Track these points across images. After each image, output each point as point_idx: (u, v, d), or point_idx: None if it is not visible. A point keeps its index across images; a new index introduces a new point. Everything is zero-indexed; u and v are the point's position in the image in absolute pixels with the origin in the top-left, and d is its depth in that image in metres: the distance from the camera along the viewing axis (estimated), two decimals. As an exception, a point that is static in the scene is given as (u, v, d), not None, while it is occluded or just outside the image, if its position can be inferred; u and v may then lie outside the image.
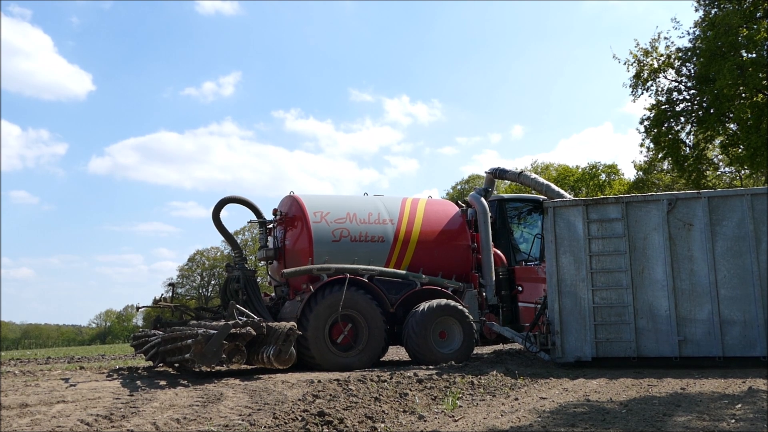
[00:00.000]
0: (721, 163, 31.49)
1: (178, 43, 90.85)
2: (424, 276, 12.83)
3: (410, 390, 8.24)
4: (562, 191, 13.57)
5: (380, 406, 7.07)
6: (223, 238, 13.52)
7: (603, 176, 37.46)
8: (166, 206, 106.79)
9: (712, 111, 23.40)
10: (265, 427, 6.14)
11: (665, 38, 26.75)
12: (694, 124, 24.94)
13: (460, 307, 12.62)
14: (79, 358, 20.30)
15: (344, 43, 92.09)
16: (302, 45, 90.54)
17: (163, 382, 9.84)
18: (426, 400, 7.62)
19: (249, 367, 11.61)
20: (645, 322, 10.86)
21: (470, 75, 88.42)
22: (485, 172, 14.88)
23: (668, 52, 25.02)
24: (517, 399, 7.71)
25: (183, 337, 10.02)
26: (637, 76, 25.33)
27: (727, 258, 10.59)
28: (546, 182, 13.92)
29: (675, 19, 31.62)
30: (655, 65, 25.16)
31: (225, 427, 6.28)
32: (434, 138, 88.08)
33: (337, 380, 9.44)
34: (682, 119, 25.26)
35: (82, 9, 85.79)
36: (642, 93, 25.63)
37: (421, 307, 12.31)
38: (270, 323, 10.21)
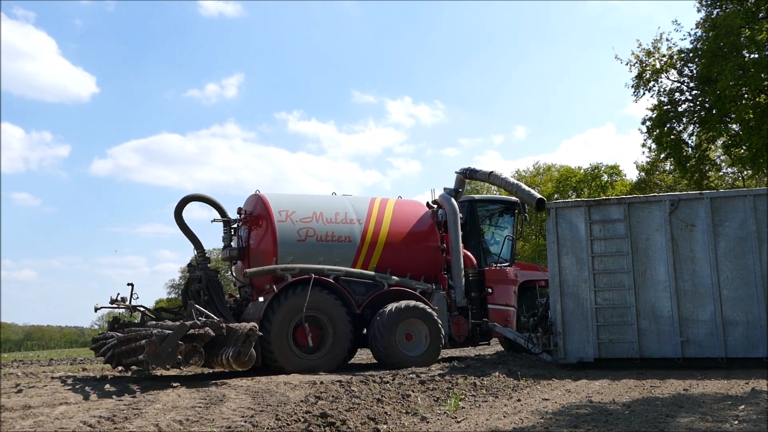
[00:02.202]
0: (723, 164, 31.47)
1: (181, 45, 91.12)
2: (391, 277, 12.61)
3: (413, 391, 8.24)
4: (533, 191, 13.22)
5: (383, 407, 7.07)
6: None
7: (605, 177, 37.42)
8: (168, 208, 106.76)
9: (714, 112, 23.36)
10: (267, 428, 6.14)
11: (667, 39, 26.66)
12: (697, 125, 24.91)
13: (428, 309, 12.39)
14: (81, 360, 20.32)
15: (346, 45, 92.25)
16: (305, 46, 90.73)
17: (164, 384, 9.85)
18: (428, 401, 7.62)
19: (207, 370, 11.36)
20: (647, 323, 10.85)
21: (472, 76, 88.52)
22: (455, 173, 14.60)
23: (670, 52, 25.01)
24: (519, 400, 7.70)
25: (138, 337, 9.69)
26: (639, 76, 25.31)
27: (729, 259, 10.57)
28: (516, 182, 13.63)
29: (677, 20, 31.55)
30: (657, 66, 25.14)
31: (227, 428, 6.28)
32: (436, 139, 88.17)
33: (340, 381, 9.44)
34: (684, 120, 25.24)
35: (86, 11, 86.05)
36: (644, 94, 25.63)
37: (387, 309, 12.06)
38: (230, 324, 9.96)
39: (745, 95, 22.43)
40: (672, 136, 25.01)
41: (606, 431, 5.76)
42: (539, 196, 12.98)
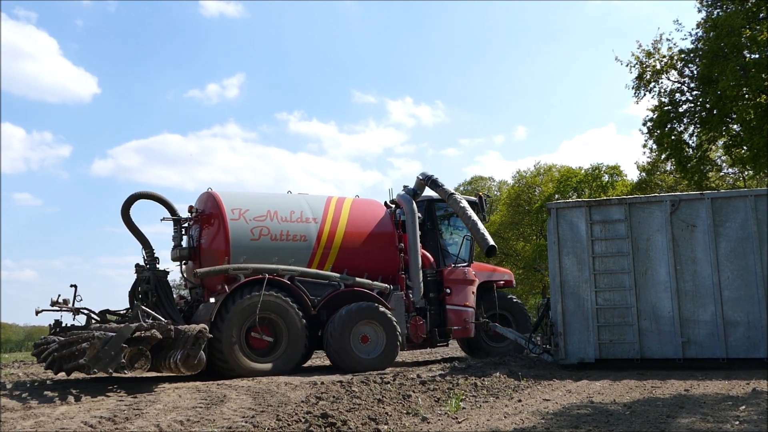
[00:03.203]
0: (724, 164, 31.43)
1: (182, 46, 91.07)
2: (348, 277, 12.30)
3: (413, 392, 8.24)
4: (486, 235, 13.00)
5: (383, 407, 7.07)
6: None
7: (606, 177, 37.40)
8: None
9: (715, 112, 23.34)
10: (268, 429, 6.15)
11: (668, 39, 26.58)
12: (697, 125, 24.88)
13: (385, 310, 12.15)
14: (82, 360, 20.30)
15: (347, 45, 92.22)
16: (305, 47, 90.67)
17: (166, 384, 9.86)
18: (429, 401, 7.62)
19: (155, 374, 11.01)
20: (648, 323, 10.84)
21: (473, 76, 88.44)
22: (417, 177, 14.23)
23: (671, 53, 25.00)
24: (520, 401, 7.70)
25: (79, 341, 9.22)
26: (640, 77, 25.29)
27: (730, 259, 10.56)
28: (474, 219, 13.29)
29: (677, 20, 31.48)
30: (658, 66, 25.12)
31: (228, 429, 6.28)
32: (437, 139, 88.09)
33: (340, 382, 9.44)
34: (685, 120, 25.20)
35: (87, 12, 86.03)
36: (644, 94, 25.60)
37: (342, 310, 11.80)
38: (179, 326, 9.66)
39: (746, 95, 22.39)
40: (673, 137, 24.99)
41: (607, 431, 5.77)
42: (491, 243, 12.87)
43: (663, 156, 26.49)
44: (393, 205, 14.04)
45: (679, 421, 6.12)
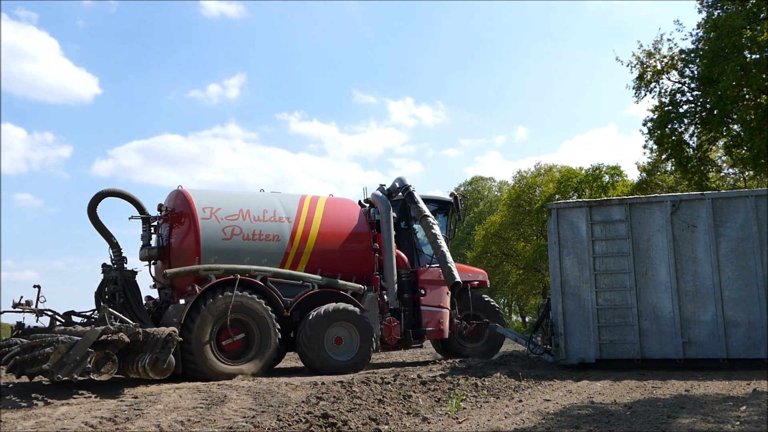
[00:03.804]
0: (724, 165, 31.42)
1: (183, 46, 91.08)
2: (321, 278, 12.08)
3: (414, 392, 8.24)
4: (453, 270, 12.71)
5: (384, 408, 7.08)
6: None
7: (606, 178, 37.40)
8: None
9: (715, 112, 23.33)
10: (268, 429, 6.15)
11: (668, 40, 26.58)
12: (698, 126, 24.86)
13: (359, 311, 11.96)
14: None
15: (348, 45, 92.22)
16: (306, 47, 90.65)
17: (166, 385, 9.86)
18: (430, 402, 7.62)
19: (122, 377, 10.41)
20: (649, 323, 10.84)
21: (474, 76, 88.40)
22: (395, 182, 13.90)
23: (671, 53, 24.99)
24: (520, 401, 7.70)
25: (43, 344, 8.89)
26: (640, 77, 25.29)
27: (731, 259, 10.57)
28: (444, 251, 12.91)
29: (678, 20, 31.47)
30: (658, 67, 25.12)
31: (229, 429, 6.29)
32: (438, 140, 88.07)
33: (341, 382, 9.44)
34: (686, 121, 25.19)
35: (88, 12, 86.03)
36: (645, 94, 25.60)
37: (315, 312, 11.60)
38: (147, 329, 9.36)
39: (747, 96, 22.39)
40: (673, 137, 24.98)
41: (607, 432, 5.77)
42: (457, 279, 12.72)
43: (663, 156, 26.47)
44: (367, 205, 13.89)
45: (679, 422, 6.13)
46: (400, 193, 13.69)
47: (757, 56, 21.71)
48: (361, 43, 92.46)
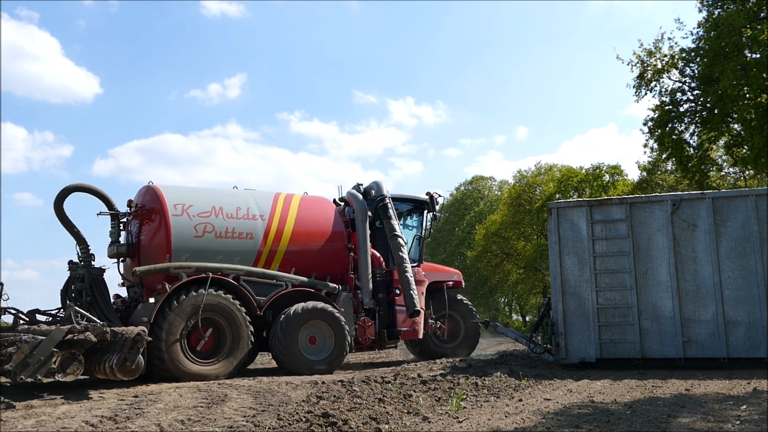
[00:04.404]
0: (725, 164, 31.41)
1: (184, 46, 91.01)
2: (295, 277, 11.92)
3: (414, 391, 8.25)
4: (414, 298, 12.72)
5: (384, 407, 7.08)
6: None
7: (607, 177, 37.38)
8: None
9: (715, 111, 23.32)
10: (269, 428, 6.15)
11: (669, 39, 26.56)
12: (698, 125, 24.86)
13: (333, 310, 11.83)
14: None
15: (348, 45, 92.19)
16: (307, 47, 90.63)
17: (166, 384, 9.86)
18: (430, 401, 7.63)
19: (87, 378, 10.13)
20: (649, 323, 10.84)
21: (475, 76, 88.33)
22: (371, 188, 13.78)
23: (672, 52, 24.99)
24: (521, 400, 7.70)
25: (5, 344, 8.67)
26: (641, 76, 25.29)
27: (731, 259, 10.57)
28: (409, 278, 12.88)
29: (678, 19, 31.50)
30: (659, 66, 25.11)
31: (229, 428, 6.29)
32: (439, 140, 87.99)
33: (341, 381, 9.45)
34: (686, 120, 25.19)
35: (89, 12, 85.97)
36: (645, 94, 25.59)
37: (289, 311, 11.44)
38: (115, 328, 9.14)
39: (747, 95, 22.38)
40: (674, 136, 24.99)
41: (607, 431, 5.77)
42: (417, 308, 12.74)
43: (664, 155, 26.49)
44: (342, 203, 13.78)
45: (679, 421, 6.13)
46: (375, 201, 13.55)
47: (758, 55, 21.70)
48: (362, 43, 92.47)
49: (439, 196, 14.57)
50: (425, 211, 14.75)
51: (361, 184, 14.04)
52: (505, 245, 41.32)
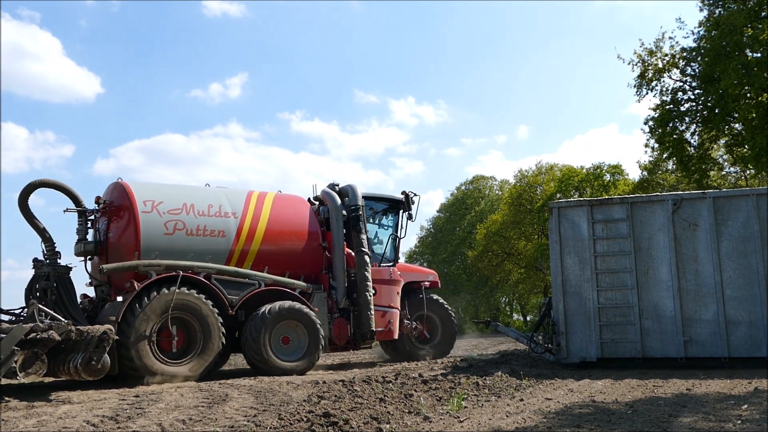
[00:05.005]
0: (725, 163, 31.37)
1: (185, 46, 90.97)
2: (268, 276, 11.71)
3: (415, 391, 8.25)
4: (372, 319, 12.61)
5: (385, 407, 7.08)
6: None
7: (607, 176, 37.34)
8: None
9: (716, 111, 23.30)
10: (270, 428, 6.15)
11: (670, 38, 26.52)
12: (699, 124, 24.84)
13: (307, 310, 11.67)
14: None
15: (349, 45, 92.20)
16: (308, 46, 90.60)
17: (167, 383, 9.86)
18: (431, 401, 7.63)
19: (51, 379, 10.08)
20: (650, 322, 10.84)
21: (476, 76, 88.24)
22: (346, 195, 13.52)
23: (673, 52, 24.96)
24: (522, 400, 7.70)
25: None
26: (642, 76, 25.26)
27: (732, 258, 10.56)
28: (369, 298, 12.75)
29: (680, 18, 31.47)
30: (660, 65, 25.09)
31: (230, 428, 6.29)
32: (440, 139, 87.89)
33: (342, 381, 9.45)
34: (687, 119, 25.16)
35: (91, 12, 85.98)
36: (646, 93, 25.55)
37: (262, 310, 11.26)
38: (81, 327, 8.91)
39: (748, 94, 22.35)
40: (674, 136, 24.97)
41: (608, 431, 5.77)
42: (372, 328, 12.64)
43: (665, 155, 26.46)
44: (317, 202, 13.63)
45: (681, 421, 6.12)
46: (346, 210, 13.29)
47: (759, 55, 21.67)
48: (363, 43, 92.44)
49: (415, 195, 14.34)
50: (401, 211, 14.55)
51: (337, 184, 13.81)
52: (506, 245, 41.30)
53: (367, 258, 13.00)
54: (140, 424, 6.57)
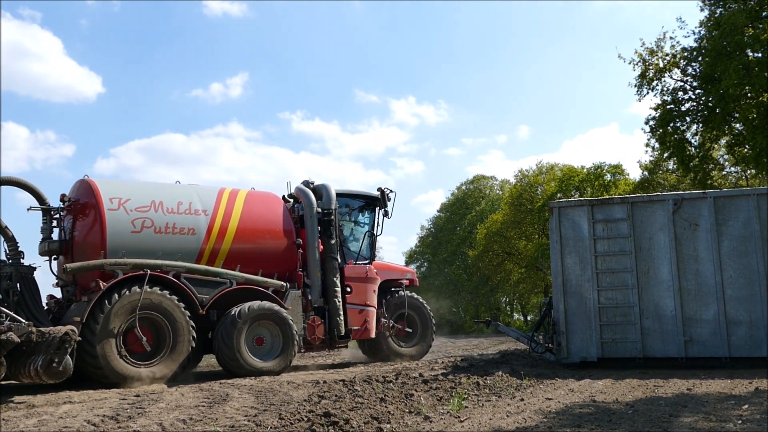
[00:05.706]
0: (726, 163, 31.36)
1: (186, 45, 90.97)
2: (240, 274, 11.43)
3: (416, 391, 8.25)
4: (341, 324, 12.62)
5: (386, 406, 7.08)
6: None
7: (608, 176, 37.33)
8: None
9: (717, 111, 23.29)
10: (271, 427, 6.15)
11: (671, 38, 26.51)
12: (700, 124, 24.83)
13: (281, 309, 11.46)
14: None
15: (350, 45, 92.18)
16: (309, 46, 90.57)
17: (169, 385, 9.86)
18: (431, 400, 7.63)
19: (12, 382, 9.76)
20: (651, 322, 10.84)
21: (476, 76, 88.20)
22: (322, 190, 13.34)
23: (674, 51, 24.95)
24: (522, 400, 7.70)
25: None
26: (643, 75, 25.25)
27: (733, 258, 10.56)
28: (338, 302, 12.66)
29: (680, 18, 31.47)
30: (661, 65, 25.08)
31: (231, 427, 6.29)
32: (440, 139, 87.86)
33: (343, 381, 9.46)
34: (688, 119, 25.15)
35: (92, 11, 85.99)
36: (647, 93, 25.56)
37: (234, 310, 11.02)
38: (42, 328, 8.67)
39: (749, 94, 22.35)
40: (675, 136, 24.96)
41: (609, 431, 5.76)
42: (342, 333, 12.61)
43: (665, 155, 26.46)
44: (291, 200, 13.46)
45: (681, 420, 6.12)
46: (320, 212, 13.11)
47: (760, 55, 21.67)
48: (363, 43, 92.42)
49: (391, 191, 14.25)
50: (377, 208, 14.44)
51: (312, 182, 13.58)
52: (507, 244, 41.28)
53: (336, 264, 12.89)
54: (141, 424, 6.57)
